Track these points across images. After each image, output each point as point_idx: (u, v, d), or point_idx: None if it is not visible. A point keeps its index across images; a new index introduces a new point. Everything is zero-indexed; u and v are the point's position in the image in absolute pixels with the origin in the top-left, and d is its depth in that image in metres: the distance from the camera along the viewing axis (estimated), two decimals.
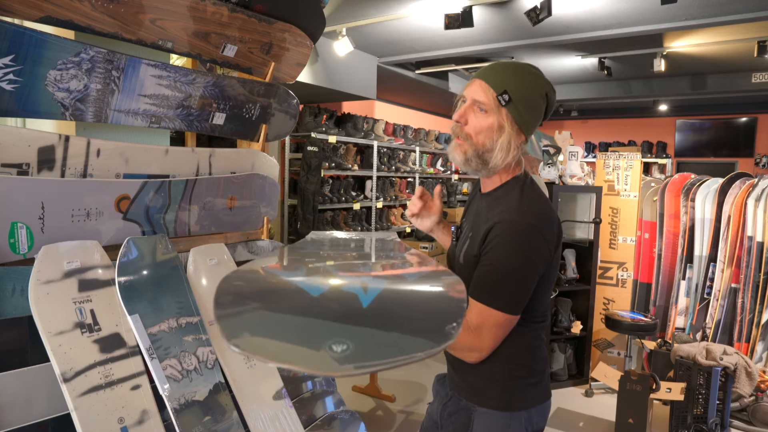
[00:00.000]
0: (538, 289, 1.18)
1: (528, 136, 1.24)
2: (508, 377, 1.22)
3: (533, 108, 1.21)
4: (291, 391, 1.90)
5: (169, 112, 1.83)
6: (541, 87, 1.21)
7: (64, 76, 1.52)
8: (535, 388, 1.24)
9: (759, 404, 3.11)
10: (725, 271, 3.73)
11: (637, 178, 4.03)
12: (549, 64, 6.77)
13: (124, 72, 1.66)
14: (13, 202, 1.38)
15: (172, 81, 1.79)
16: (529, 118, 1.21)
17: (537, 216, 1.15)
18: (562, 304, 3.80)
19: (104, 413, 1.38)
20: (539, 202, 1.19)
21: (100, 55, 1.58)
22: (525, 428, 1.21)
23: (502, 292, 1.12)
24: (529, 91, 1.20)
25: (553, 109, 1.28)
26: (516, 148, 1.21)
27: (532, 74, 1.22)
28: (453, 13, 4.11)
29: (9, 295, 1.36)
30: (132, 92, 1.70)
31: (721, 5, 4.14)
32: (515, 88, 1.19)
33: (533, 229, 1.13)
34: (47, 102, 1.51)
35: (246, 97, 2.04)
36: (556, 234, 1.19)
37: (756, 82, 6.94)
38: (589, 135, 10.65)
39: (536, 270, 1.14)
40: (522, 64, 1.24)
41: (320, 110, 5.82)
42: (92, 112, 1.62)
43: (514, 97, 1.18)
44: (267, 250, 2.16)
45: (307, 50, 2.19)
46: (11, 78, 1.41)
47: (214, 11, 1.79)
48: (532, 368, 1.24)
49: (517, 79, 1.20)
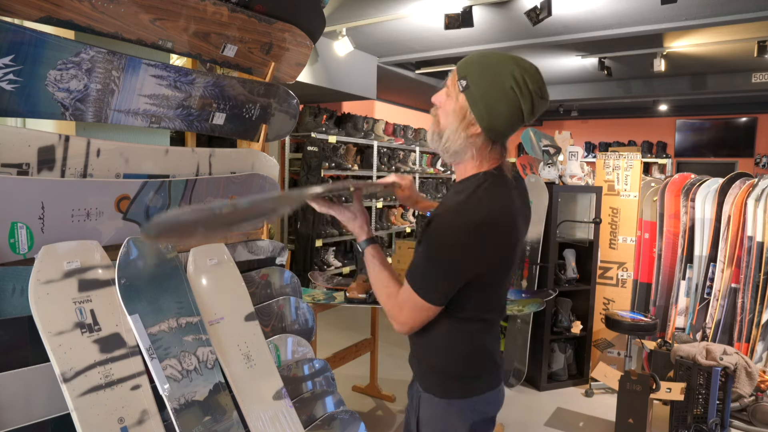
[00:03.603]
0: (477, 289, 1.19)
1: (488, 131, 1.17)
2: (445, 369, 1.26)
3: (494, 101, 1.13)
4: (291, 391, 1.90)
5: (169, 112, 1.83)
6: (505, 82, 1.11)
7: (64, 76, 1.52)
8: (476, 380, 1.27)
9: (759, 404, 3.11)
10: (725, 271, 3.73)
11: (637, 178, 4.03)
12: (549, 64, 6.77)
13: (124, 72, 1.66)
14: (13, 202, 1.38)
15: (172, 81, 1.79)
16: (487, 110, 1.14)
17: (475, 220, 1.13)
18: (562, 304, 3.80)
19: (104, 413, 1.38)
20: (487, 207, 1.15)
21: (100, 55, 1.58)
22: (466, 415, 1.25)
23: (425, 281, 1.17)
24: (490, 83, 1.13)
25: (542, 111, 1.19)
26: (466, 138, 1.17)
27: (502, 66, 1.13)
28: (453, 13, 4.11)
29: (9, 295, 1.36)
30: (132, 92, 1.70)
31: (721, 5, 4.15)
32: (476, 76, 1.14)
33: (467, 231, 1.12)
34: (47, 102, 1.51)
35: (246, 97, 2.04)
36: (497, 240, 1.16)
37: (756, 82, 6.94)
38: (589, 135, 10.65)
39: (462, 270, 1.15)
40: (503, 56, 1.16)
41: (320, 110, 5.82)
42: (92, 112, 1.62)
43: (473, 85, 1.14)
44: (267, 251, 2.16)
45: (307, 50, 2.19)
46: (11, 78, 1.41)
47: (214, 11, 1.79)
48: (470, 362, 1.27)
49: (481, 69, 1.15)
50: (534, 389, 3.75)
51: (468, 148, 1.19)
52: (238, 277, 1.91)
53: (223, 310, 1.80)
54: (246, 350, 1.81)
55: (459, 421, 1.26)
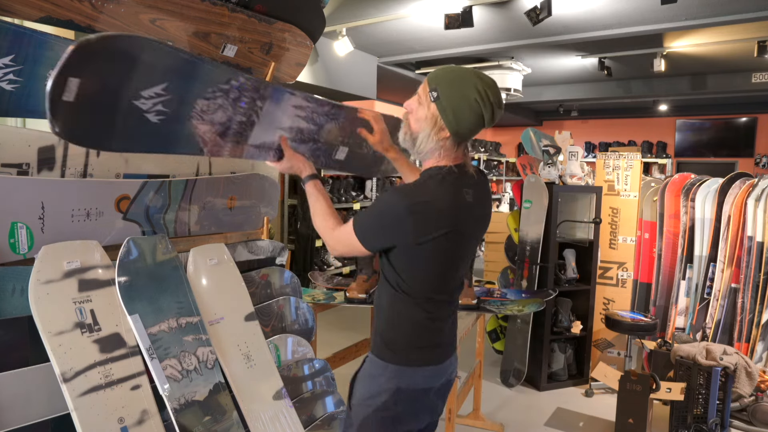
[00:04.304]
0: (416, 267, 1.39)
1: (456, 135, 1.35)
2: (385, 335, 1.46)
3: (460, 111, 1.33)
4: (291, 391, 1.90)
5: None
6: (470, 94, 1.31)
7: None
8: (409, 351, 1.43)
9: (759, 404, 3.11)
10: (725, 271, 3.73)
11: (637, 178, 4.03)
12: (549, 64, 6.77)
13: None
14: (13, 202, 1.38)
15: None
16: (454, 118, 1.33)
17: (407, 200, 1.33)
18: (562, 304, 3.80)
19: (104, 413, 1.38)
20: (426, 193, 1.34)
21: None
22: (393, 380, 1.42)
23: (364, 225, 1.40)
24: (457, 95, 1.32)
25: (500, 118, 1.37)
26: (437, 141, 1.37)
27: (466, 81, 1.32)
28: (453, 13, 4.11)
29: (9, 295, 1.36)
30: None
31: (721, 5, 4.14)
32: (444, 88, 1.33)
33: (397, 206, 1.34)
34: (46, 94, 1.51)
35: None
36: (427, 223, 1.32)
37: (756, 82, 6.94)
38: (589, 135, 10.65)
39: (384, 230, 1.37)
40: (467, 71, 1.35)
41: None
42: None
43: (442, 96, 1.33)
44: (267, 250, 2.16)
45: (307, 50, 2.19)
46: (11, 78, 1.41)
47: (214, 11, 1.79)
48: (407, 335, 1.44)
49: (449, 81, 1.34)
50: (534, 389, 3.75)
51: (437, 149, 1.38)
52: (238, 277, 1.91)
53: (223, 310, 1.80)
54: (246, 350, 1.81)
55: (386, 383, 1.42)
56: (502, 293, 3.26)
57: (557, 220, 3.73)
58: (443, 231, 1.35)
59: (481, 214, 1.48)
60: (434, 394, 1.48)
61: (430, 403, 1.49)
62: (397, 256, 1.39)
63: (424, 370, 1.44)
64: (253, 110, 1.60)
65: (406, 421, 1.46)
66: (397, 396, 1.42)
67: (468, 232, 1.43)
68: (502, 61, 6.16)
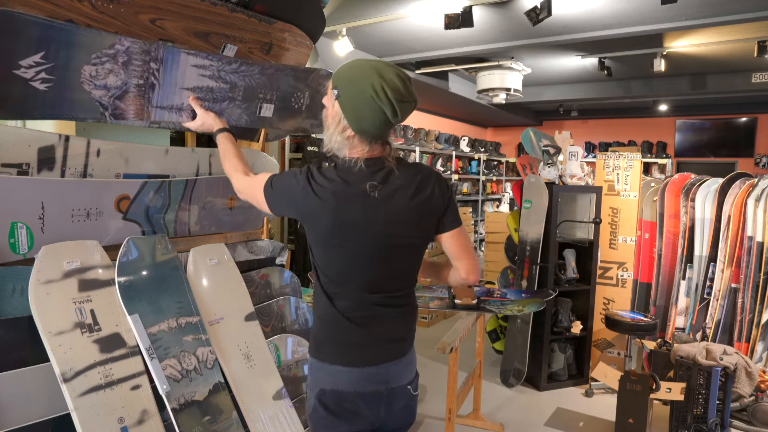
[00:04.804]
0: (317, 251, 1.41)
1: (361, 132, 1.34)
2: (312, 328, 1.50)
3: (358, 107, 1.31)
4: (291, 391, 1.90)
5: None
6: (366, 91, 1.28)
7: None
8: (324, 347, 1.42)
9: (759, 404, 3.11)
10: (725, 271, 3.73)
11: (637, 178, 4.03)
12: (549, 64, 6.76)
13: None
14: (13, 202, 1.38)
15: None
16: (355, 116, 1.32)
17: (305, 174, 1.37)
18: (562, 304, 3.80)
19: (104, 413, 1.38)
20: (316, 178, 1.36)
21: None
22: (315, 376, 1.41)
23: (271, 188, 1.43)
24: (354, 93, 1.31)
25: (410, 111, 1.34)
26: (342, 140, 1.36)
27: (364, 77, 1.29)
28: (453, 13, 4.11)
29: (9, 295, 1.36)
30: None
31: (721, 5, 4.14)
32: (344, 87, 1.33)
33: (294, 182, 1.38)
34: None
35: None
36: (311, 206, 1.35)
37: (756, 82, 6.93)
38: (589, 135, 10.65)
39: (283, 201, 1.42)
40: (366, 66, 1.31)
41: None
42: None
43: (342, 95, 1.33)
44: (267, 250, 2.16)
45: (307, 50, 2.19)
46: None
47: (214, 11, 1.79)
48: (321, 329, 1.44)
49: (348, 80, 1.32)
50: (534, 389, 3.75)
51: (345, 146, 1.37)
52: (238, 277, 1.91)
53: (223, 310, 1.80)
54: (246, 350, 1.81)
55: (312, 383, 1.42)
56: (502, 293, 3.26)
57: (557, 220, 3.73)
58: (328, 220, 1.34)
59: (398, 212, 1.37)
60: (367, 399, 1.38)
61: (362, 410, 1.39)
62: (310, 243, 1.43)
63: (342, 371, 1.38)
64: (148, 72, 1.60)
65: (335, 424, 1.38)
66: (321, 397, 1.38)
67: (368, 228, 1.35)
68: (502, 61, 6.15)
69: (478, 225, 9.11)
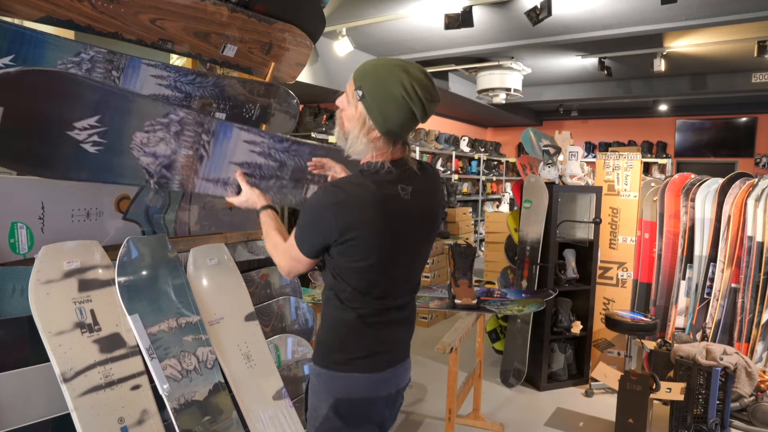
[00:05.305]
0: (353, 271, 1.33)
1: (387, 134, 1.29)
2: (323, 340, 1.42)
3: (387, 108, 1.26)
4: (291, 391, 1.90)
5: None
6: (395, 91, 1.23)
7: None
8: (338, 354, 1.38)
9: (759, 404, 3.11)
10: (725, 271, 3.73)
11: (637, 178, 4.03)
12: (549, 64, 6.77)
13: (124, 72, 1.66)
14: (13, 202, 1.38)
15: (172, 81, 1.79)
16: (382, 117, 1.27)
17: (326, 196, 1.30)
18: (562, 304, 3.80)
19: (104, 413, 1.38)
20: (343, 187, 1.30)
21: (100, 55, 1.58)
22: (327, 387, 1.37)
23: (298, 231, 1.36)
24: (383, 93, 1.25)
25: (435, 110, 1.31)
26: (367, 142, 1.31)
27: (392, 77, 1.24)
28: (453, 13, 4.11)
29: (9, 295, 1.36)
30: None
31: (721, 5, 4.14)
32: (370, 87, 1.26)
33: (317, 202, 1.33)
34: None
35: (246, 97, 2.04)
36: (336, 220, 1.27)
37: (756, 82, 6.93)
38: (589, 135, 10.65)
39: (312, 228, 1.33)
40: (392, 65, 1.27)
41: (320, 110, 5.82)
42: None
43: (368, 95, 1.26)
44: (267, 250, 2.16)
45: (307, 50, 2.19)
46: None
47: (214, 11, 1.79)
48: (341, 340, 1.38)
49: (374, 79, 1.27)
50: (534, 389, 3.75)
51: (369, 149, 1.32)
52: (238, 277, 1.91)
53: (223, 310, 1.80)
54: (246, 350, 1.81)
55: (323, 394, 1.38)
56: (502, 293, 3.26)
57: (557, 220, 3.73)
58: (370, 228, 1.28)
59: (419, 211, 1.37)
60: (381, 403, 1.40)
61: (376, 414, 1.41)
62: (331, 256, 1.34)
63: (359, 378, 1.37)
64: (199, 144, 1.60)
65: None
66: (336, 407, 1.36)
67: (403, 231, 1.34)
68: (502, 61, 6.16)
69: (478, 225, 9.11)
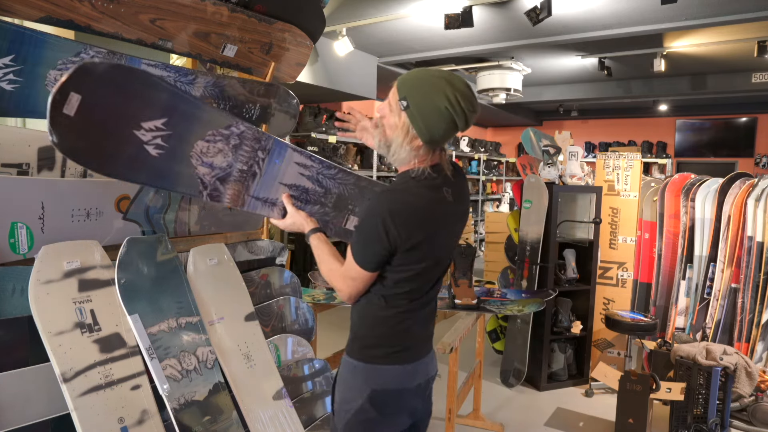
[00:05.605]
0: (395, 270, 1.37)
1: (429, 143, 1.35)
2: (358, 333, 1.48)
3: (431, 120, 1.31)
4: (291, 391, 1.90)
5: None
6: (440, 103, 1.29)
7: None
8: (376, 349, 1.44)
9: (759, 404, 3.11)
10: (725, 271, 3.73)
11: (637, 178, 4.03)
12: (549, 64, 6.76)
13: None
14: (13, 202, 1.38)
15: (172, 81, 1.79)
16: (426, 127, 1.32)
17: (385, 205, 1.34)
18: (562, 304, 3.80)
19: (104, 413, 1.38)
20: (399, 196, 1.36)
21: (100, 55, 1.58)
22: (367, 380, 1.42)
23: (356, 248, 1.38)
24: (427, 104, 1.30)
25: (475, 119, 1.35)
26: (410, 150, 1.36)
27: (437, 89, 1.29)
28: (453, 13, 4.11)
29: (9, 295, 1.36)
30: None
31: (721, 5, 4.14)
32: (414, 98, 1.31)
33: (376, 213, 1.34)
34: (47, 102, 1.51)
35: (246, 97, 2.04)
36: (399, 228, 1.31)
37: (756, 82, 6.93)
38: (589, 135, 10.65)
39: (375, 242, 1.34)
40: (436, 77, 1.32)
41: (320, 110, 5.82)
42: None
43: (412, 106, 1.31)
44: (267, 250, 2.16)
45: (307, 50, 2.19)
46: (11, 78, 1.41)
47: (214, 11, 1.79)
48: (378, 334, 1.44)
49: (419, 91, 1.32)
50: (534, 389, 3.75)
51: (412, 157, 1.38)
52: (238, 277, 1.91)
53: (223, 310, 1.80)
54: (246, 350, 1.81)
55: (359, 386, 1.43)
56: (502, 293, 3.26)
57: (557, 220, 3.73)
58: (426, 232, 1.35)
59: (460, 212, 1.48)
60: (410, 394, 1.46)
61: (407, 405, 1.47)
62: (390, 264, 1.38)
63: (393, 370, 1.43)
64: (254, 160, 1.62)
65: (384, 423, 1.45)
66: (372, 398, 1.41)
67: (449, 231, 1.43)
68: (502, 61, 6.16)
69: (478, 225, 9.11)
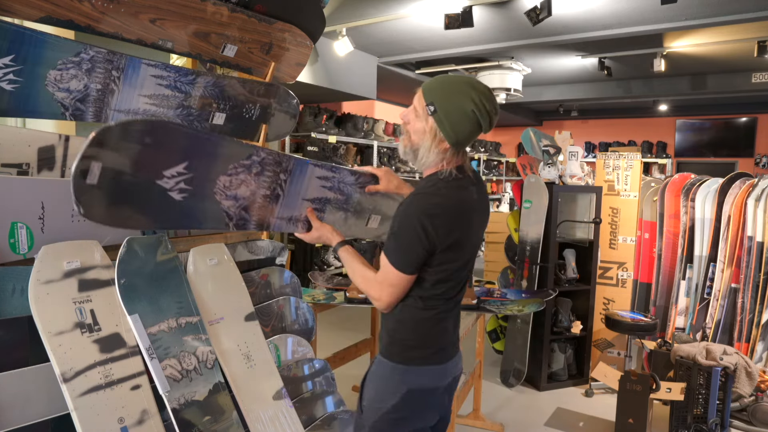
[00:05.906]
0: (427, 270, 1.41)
1: (455, 145, 1.40)
2: (395, 336, 1.49)
3: (458, 123, 1.37)
4: (291, 391, 1.90)
5: (169, 112, 1.83)
6: (466, 106, 1.35)
7: (64, 76, 1.52)
8: (416, 350, 1.47)
9: (759, 404, 3.11)
10: (725, 271, 3.73)
11: (637, 178, 4.03)
12: (549, 64, 6.77)
13: (124, 72, 1.66)
14: (13, 202, 1.38)
15: (172, 81, 1.79)
16: (453, 130, 1.38)
17: (420, 207, 1.38)
18: (562, 304, 3.80)
19: (104, 413, 1.38)
20: (432, 197, 1.39)
21: (100, 55, 1.58)
22: (404, 381, 1.46)
23: (394, 252, 1.41)
24: (454, 108, 1.36)
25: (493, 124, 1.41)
26: (438, 153, 1.41)
27: (462, 93, 1.36)
28: (453, 13, 4.11)
29: (9, 295, 1.36)
30: (132, 92, 1.70)
31: (721, 5, 4.15)
32: (441, 102, 1.37)
33: (413, 215, 1.37)
34: (47, 102, 1.51)
35: (246, 97, 2.04)
36: (448, 225, 1.37)
37: (756, 82, 6.94)
38: (589, 135, 10.65)
39: (415, 243, 1.37)
40: (461, 82, 1.38)
41: (320, 110, 5.82)
42: (92, 112, 1.62)
43: (439, 110, 1.37)
44: (267, 250, 2.16)
45: (307, 50, 2.19)
46: (11, 78, 1.41)
47: (214, 11, 1.79)
48: (416, 336, 1.47)
49: (445, 95, 1.38)
50: (534, 389, 3.75)
51: (440, 160, 1.43)
52: (238, 277, 1.91)
53: (223, 310, 1.80)
54: (246, 350, 1.81)
55: (396, 384, 1.46)
56: (502, 293, 3.26)
57: (557, 220, 3.73)
58: (460, 230, 1.40)
59: (484, 211, 1.53)
60: (442, 392, 1.52)
61: (439, 402, 1.53)
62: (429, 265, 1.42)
63: (430, 370, 1.48)
64: (276, 184, 1.62)
65: (416, 420, 1.49)
66: (407, 398, 1.45)
67: (475, 229, 1.48)
68: (502, 61, 6.16)
69: None
